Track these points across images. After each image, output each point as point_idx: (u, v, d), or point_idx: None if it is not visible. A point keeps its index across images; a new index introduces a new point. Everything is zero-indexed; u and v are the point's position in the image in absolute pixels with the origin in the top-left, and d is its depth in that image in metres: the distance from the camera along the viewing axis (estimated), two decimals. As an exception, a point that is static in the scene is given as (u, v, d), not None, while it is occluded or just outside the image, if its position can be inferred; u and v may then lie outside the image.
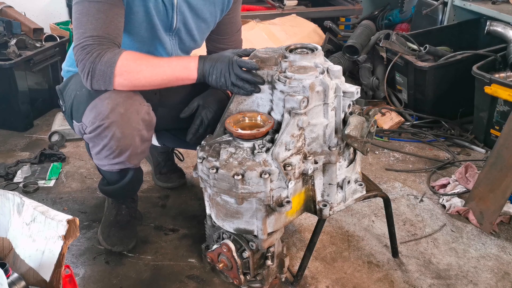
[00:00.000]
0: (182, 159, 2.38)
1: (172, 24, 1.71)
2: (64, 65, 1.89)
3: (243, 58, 1.52)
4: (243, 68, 1.49)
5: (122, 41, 1.58)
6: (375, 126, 1.56)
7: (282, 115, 1.45)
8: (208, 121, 1.71)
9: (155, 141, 2.19)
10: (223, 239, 1.56)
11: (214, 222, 1.57)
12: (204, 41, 1.90)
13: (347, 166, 1.58)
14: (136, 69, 1.50)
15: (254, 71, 1.49)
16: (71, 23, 3.60)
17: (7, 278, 1.33)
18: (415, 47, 3.02)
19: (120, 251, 1.87)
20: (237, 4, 1.84)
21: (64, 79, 1.85)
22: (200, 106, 1.74)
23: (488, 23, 2.97)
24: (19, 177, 2.38)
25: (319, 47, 1.54)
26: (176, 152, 2.36)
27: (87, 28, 1.50)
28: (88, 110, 1.56)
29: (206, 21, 1.78)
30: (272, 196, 1.42)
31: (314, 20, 3.74)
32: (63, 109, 1.80)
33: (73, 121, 1.68)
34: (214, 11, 1.77)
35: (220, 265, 1.57)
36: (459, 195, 2.19)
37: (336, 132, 1.51)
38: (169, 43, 1.75)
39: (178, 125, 1.94)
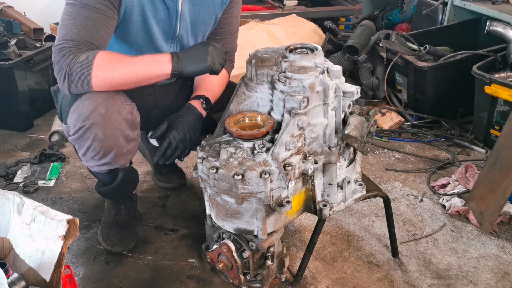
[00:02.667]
0: (182, 159, 2.38)
1: (175, 32, 1.70)
2: None
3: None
4: None
5: (105, 49, 1.56)
6: (375, 126, 1.56)
7: (282, 115, 1.45)
8: (176, 142, 1.68)
9: (154, 142, 2.19)
10: (223, 239, 1.56)
11: (214, 222, 1.57)
12: None
13: (347, 166, 1.58)
14: (110, 68, 1.48)
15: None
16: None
17: (7, 278, 1.33)
18: (415, 47, 3.02)
19: (120, 251, 1.87)
20: (235, 5, 1.82)
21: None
22: (170, 127, 1.72)
23: (488, 23, 2.97)
24: (19, 177, 2.38)
25: (319, 47, 1.54)
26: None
27: (70, 32, 1.49)
28: (71, 112, 1.56)
29: (206, 23, 1.78)
30: (272, 196, 1.42)
31: (314, 20, 3.74)
32: (57, 111, 1.80)
33: (62, 123, 1.69)
34: (214, 12, 1.77)
35: (220, 265, 1.57)
36: (459, 195, 2.19)
37: (336, 132, 1.51)
38: (169, 50, 1.74)
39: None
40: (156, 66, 1.53)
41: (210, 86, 1.84)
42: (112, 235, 1.90)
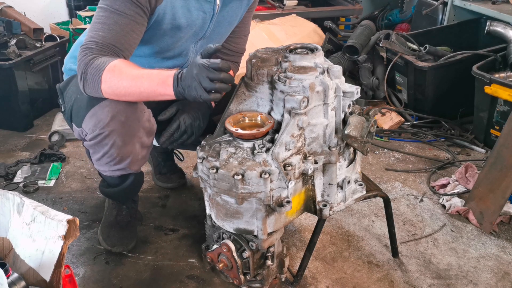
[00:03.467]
0: (182, 159, 2.38)
1: (205, 34, 1.71)
2: (66, 61, 1.86)
3: (211, 59, 1.37)
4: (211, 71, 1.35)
5: (130, 54, 1.55)
6: (375, 126, 1.56)
7: (282, 115, 1.45)
8: (185, 126, 1.68)
9: (154, 141, 2.19)
10: (223, 239, 1.56)
11: (214, 222, 1.57)
12: None
13: (347, 166, 1.58)
14: (118, 77, 1.44)
15: (223, 68, 1.35)
16: (71, 23, 3.62)
17: (7, 278, 1.33)
18: (415, 47, 3.02)
19: (120, 251, 1.87)
20: (255, 4, 1.83)
21: (65, 78, 1.84)
22: (180, 111, 1.71)
23: (488, 23, 2.97)
24: (19, 177, 2.38)
25: (319, 47, 1.54)
26: (176, 152, 2.36)
27: (97, 34, 1.49)
28: (88, 117, 1.55)
29: (232, 23, 1.78)
30: (272, 196, 1.42)
31: (314, 20, 3.74)
32: (62, 109, 1.79)
33: (73, 124, 1.68)
34: (241, 11, 1.77)
35: (220, 265, 1.57)
36: (459, 195, 2.19)
37: (336, 132, 1.51)
38: (190, 50, 1.74)
39: None
40: (160, 87, 1.43)
41: None
42: (112, 235, 1.90)
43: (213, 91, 1.36)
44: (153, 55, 1.71)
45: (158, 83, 1.42)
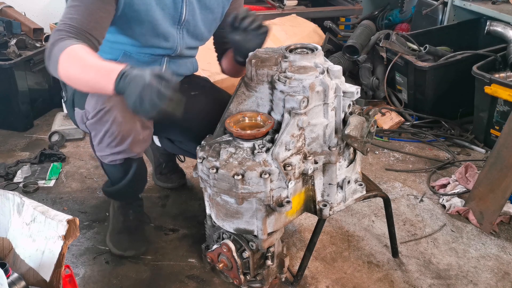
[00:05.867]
0: (183, 160, 2.38)
1: (181, 16, 1.67)
2: None
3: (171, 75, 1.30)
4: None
5: (102, 34, 1.53)
6: (375, 126, 1.57)
7: (282, 115, 1.45)
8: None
9: (157, 142, 2.19)
10: (223, 239, 1.56)
11: (214, 222, 1.57)
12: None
13: (347, 166, 1.58)
14: (71, 62, 1.39)
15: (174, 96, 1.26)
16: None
17: (7, 278, 1.33)
18: (415, 47, 3.02)
19: (133, 255, 1.85)
20: None
21: None
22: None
23: (488, 23, 2.97)
24: (19, 177, 2.38)
25: (319, 47, 1.54)
26: (177, 154, 2.35)
27: (68, 17, 1.48)
28: (90, 96, 1.56)
29: (213, 11, 1.75)
30: (272, 196, 1.42)
31: (314, 20, 3.74)
32: (65, 99, 1.78)
33: (76, 109, 1.66)
34: (222, 1, 1.75)
35: (220, 265, 1.57)
36: (459, 195, 2.19)
37: (336, 132, 1.51)
38: (176, 36, 1.70)
39: (177, 136, 1.94)
40: (103, 79, 1.35)
41: None
42: (122, 240, 1.87)
43: (155, 110, 1.25)
44: (135, 43, 1.67)
45: (103, 75, 1.35)
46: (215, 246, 1.57)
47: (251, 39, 1.62)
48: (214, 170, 1.40)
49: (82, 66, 1.39)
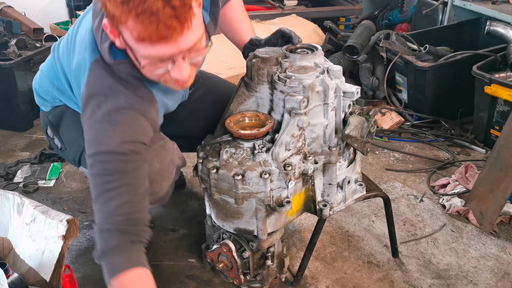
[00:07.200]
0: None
1: (185, 97, 1.69)
2: (42, 82, 1.64)
3: None
4: None
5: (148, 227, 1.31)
6: (375, 126, 1.57)
7: (282, 115, 1.45)
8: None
9: None
10: (223, 239, 1.57)
11: (214, 222, 1.58)
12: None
13: (347, 166, 1.58)
14: None
15: None
16: (71, 23, 3.62)
17: (7, 278, 1.34)
18: (415, 47, 3.02)
19: None
20: None
21: (50, 108, 1.66)
22: None
23: (488, 23, 2.96)
24: (19, 177, 2.38)
25: (319, 47, 1.54)
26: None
27: (115, 205, 1.23)
28: None
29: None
30: (272, 196, 1.42)
31: (314, 20, 3.74)
32: (59, 147, 1.65)
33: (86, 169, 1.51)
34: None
35: (220, 265, 1.57)
36: (459, 195, 2.19)
37: (336, 132, 1.51)
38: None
39: (180, 133, 1.94)
40: None
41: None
42: None
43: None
44: None
45: None
46: (215, 246, 1.57)
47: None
48: (214, 170, 1.40)
49: None
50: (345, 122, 1.51)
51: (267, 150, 1.41)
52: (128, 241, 1.24)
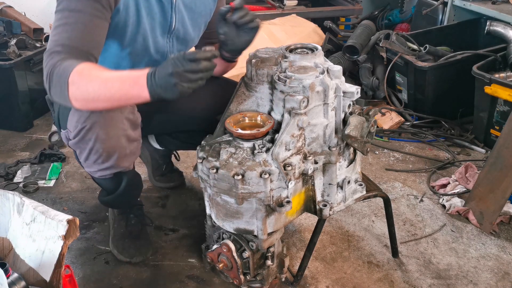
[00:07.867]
0: (178, 159, 2.37)
1: (171, 25, 1.63)
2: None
3: (186, 52, 1.30)
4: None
5: (99, 52, 1.46)
6: (375, 126, 1.57)
7: (282, 115, 1.45)
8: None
9: (156, 145, 2.18)
10: (223, 239, 1.57)
11: (214, 222, 1.58)
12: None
13: (347, 166, 1.58)
14: (86, 79, 1.32)
15: (199, 58, 1.26)
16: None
17: (7, 278, 1.34)
18: (415, 47, 3.02)
19: (140, 261, 1.83)
20: None
21: None
22: None
23: (488, 23, 2.96)
24: (19, 177, 2.38)
25: (319, 47, 1.54)
26: (174, 152, 2.35)
27: (61, 37, 1.39)
28: (71, 115, 1.51)
29: (202, 14, 1.71)
30: (272, 196, 1.42)
31: (314, 20, 3.74)
32: (53, 120, 1.74)
33: (61, 129, 1.62)
34: (209, 3, 1.71)
35: (220, 265, 1.57)
36: (459, 195, 2.19)
37: (336, 132, 1.52)
38: (166, 46, 1.67)
39: (178, 128, 1.93)
40: (132, 88, 1.31)
41: None
42: (127, 246, 1.85)
43: (195, 83, 1.27)
44: (128, 56, 1.63)
45: (130, 84, 1.31)
46: (215, 246, 1.57)
47: (241, 34, 1.57)
48: (214, 170, 1.40)
49: (101, 82, 1.33)
50: (345, 122, 1.51)
51: (267, 150, 1.41)
52: (77, 56, 1.38)
